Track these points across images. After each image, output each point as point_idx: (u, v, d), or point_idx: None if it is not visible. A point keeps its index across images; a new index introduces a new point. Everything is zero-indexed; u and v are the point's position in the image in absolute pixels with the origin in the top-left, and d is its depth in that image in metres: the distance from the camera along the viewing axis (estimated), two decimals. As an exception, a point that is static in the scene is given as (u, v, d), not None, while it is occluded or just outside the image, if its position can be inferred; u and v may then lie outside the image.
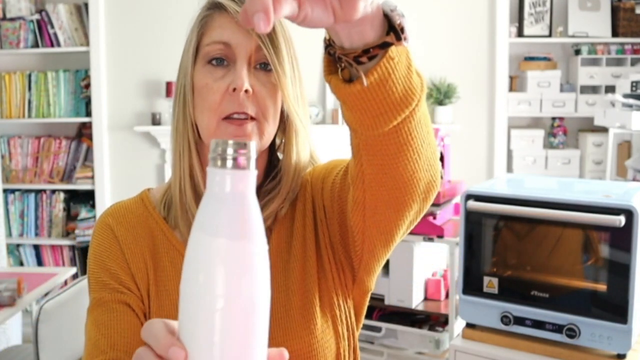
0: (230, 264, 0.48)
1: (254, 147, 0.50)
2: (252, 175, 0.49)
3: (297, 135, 0.92)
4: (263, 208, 0.90)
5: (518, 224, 1.75)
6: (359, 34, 0.61)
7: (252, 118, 0.85)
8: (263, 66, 0.87)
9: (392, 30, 0.62)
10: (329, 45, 0.65)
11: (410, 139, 0.68)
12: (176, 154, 0.91)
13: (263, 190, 0.92)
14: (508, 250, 1.79)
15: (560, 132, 3.63)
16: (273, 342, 0.85)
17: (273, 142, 0.95)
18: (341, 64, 0.64)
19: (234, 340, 0.49)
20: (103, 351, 0.84)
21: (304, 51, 0.94)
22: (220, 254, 0.48)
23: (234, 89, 0.83)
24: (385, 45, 0.62)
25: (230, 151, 0.48)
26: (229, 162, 0.48)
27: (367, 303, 0.97)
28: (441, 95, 3.49)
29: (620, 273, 1.56)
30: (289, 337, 0.87)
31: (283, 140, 0.94)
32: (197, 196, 0.90)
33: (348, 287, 0.92)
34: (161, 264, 0.90)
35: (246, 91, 0.83)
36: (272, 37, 0.86)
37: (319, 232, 0.91)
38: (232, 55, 0.86)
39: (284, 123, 0.92)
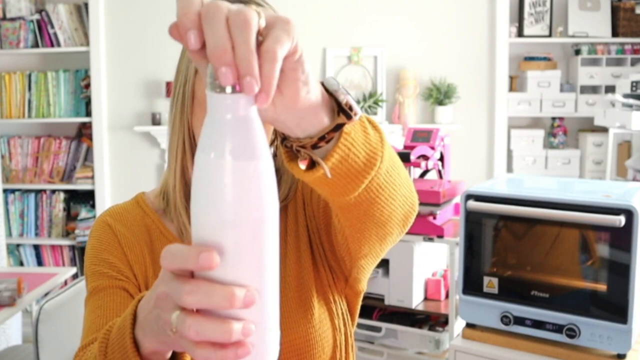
0: (238, 181, 0.49)
1: None
2: (251, 97, 0.49)
3: None
4: None
5: (518, 224, 1.75)
6: (310, 124, 0.60)
7: None
8: None
9: (341, 109, 0.62)
10: (285, 138, 0.64)
11: (381, 191, 0.69)
12: (172, 154, 0.93)
13: None
14: (508, 250, 1.79)
15: (560, 132, 3.63)
16: None
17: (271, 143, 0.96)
18: (299, 154, 0.64)
19: (246, 255, 0.50)
20: (97, 330, 0.83)
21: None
22: (228, 172, 0.48)
23: None
24: (338, 127, 0.62)
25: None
26: (228, 87, 0.48)
27: (360, 303, 0.99)
28: (441, 95, 3.49)
29: (620, 273, 1.56)
30: (287, 327, 0.88)
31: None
32: (187, 196, 0.92)
33: (340, 286, 0.95)
34: (159, 261, 0.91)
35: None
36: None
37: (310, 231, 0.94)
38: None
39: None
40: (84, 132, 3.86)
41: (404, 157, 2.32)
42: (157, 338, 0.58)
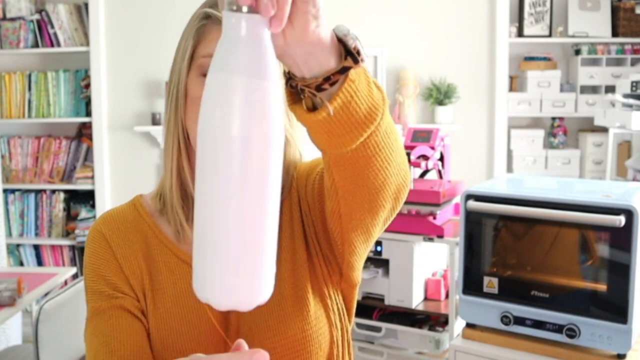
0: (248, 99, 0.50)
1: None
2: (266, 19, 0.50)
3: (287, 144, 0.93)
4: None
5: (518, 224, 1.75)
6: (317, 62, 0.62)
7: None
8: None
9: (349, 54, 0.63)
10: (289, 78, 0.65)
11: (378, 150, 0.70)
12: (167, 154, 0.92)
13: None
14: (508, 250, 1.79)
15: (560, 132, 3.63)
16: (268, 329, 0.87)
17: None
18: (304, 94, 0.65)
19: (252, 171, 0.51)
20: None
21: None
22: (239, 89, 0.50)
23: None
24: (344, 70, 0.63)
25: None
26: (245, 7, 0.49)
27: (356, 297, 0.99)
28: (441, 95, 3.49)
29: (620, 273, 1.56)
30: (282, 324, 0.88)
31: None
32: (184, 196, 0.92)
33: (335, 280, 0.94)
34: (155, 266, 0.92)
35: None
36: None
37: (306, 226, 0.93)
38: None
39: None
40: (84, 132, 3.86)
41: (404, 157, 2.31)
42: None
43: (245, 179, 0.52)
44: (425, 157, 2.41)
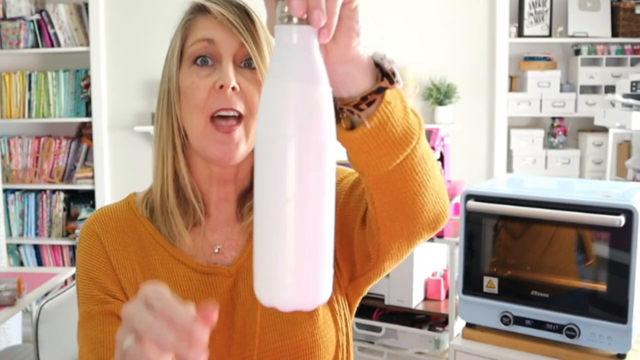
0: (301, 102, 0.54)
1: None
2: (315, 31, 0.55)
3: None
4: (247, 215, 0.91)
5: (518, 223, 1.75)
6: (354, 82, 0.66)
7: (240, 116, 0.86)
8: (247, 64, 0.87)
9: (385, 76, 0.66)
10: None
11: (414, 174, 0.72)
12: (159, 159, 0.91)
13: (249, 197, 0.92)
14: (508, 250, 1.79)
15: (560, 132, 3.63)
16: (276, 332, 0.86)
17: None
18: (342, 114, 0.68)
19: (310, 172, 0.54)
20: None
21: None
22: (292, 93, 0.54)
23: (221, 87, 0.84)
24: (380, 90, 0.66)
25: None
26: (295, 19, 0.54)
27: (357, 304, 0.99)
28: (441, 95, 3.49)
29: (620, 273, 1.56)
30: (292, 327, 0.87)
31: None
32: (181, 200, 0.90)
33: (343, 284, 0.94)
34: (151, 266, 0.90)
35: (233, 88, 0.84)
36: (254, 35, 0.87)
37: None
38: (216, 53, 0.87)
39: None
40: (84, 132, 3.86)
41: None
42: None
43: (303, 180, 0.54)
44: (425, 157, 2.41)
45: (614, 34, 3.51)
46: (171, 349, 0.56)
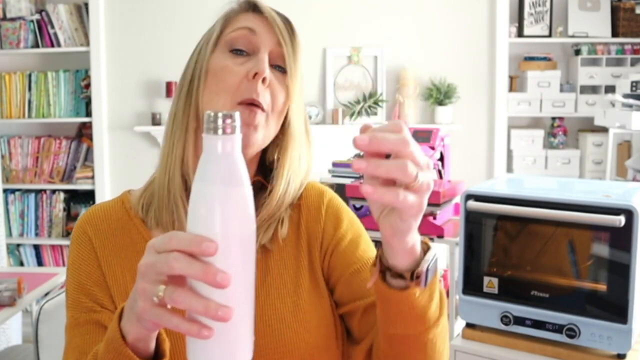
0: (224, 203, 0.59)
1: (238, 117, 0.59)
2: (237, 139, 0.60)
3: (294, 142, 0.92)
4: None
5: (518, 223, 1.75)
6: (408, 259, 0.72)
7: (263, 110, 0.86)
8: (278, 68, 0.88)
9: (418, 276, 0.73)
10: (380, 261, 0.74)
11: (423, 345, 0.78)
12: (169, 143, 0.90)
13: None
14: (508, 250, 1.79)
15: (560, 132, 3.63)
16: (275, 353, 0.86)
17: (264, 161, 0.95)
18: (391, 273, 0.73)
19: (234, 263, 0.59)
20: None
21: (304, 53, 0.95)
22: (216, 195, 0.59)
23: (255, 75, 0.84)
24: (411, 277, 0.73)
25: (219, 122, 0.59)
26: (220, 130, 0.59)
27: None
28: (441, 95, 3.49)
29: (620, 273, 1.56)
30: (288, 349, 0.87)
31: (277, 157, 0.94)
32: (185, 186, 0.89)
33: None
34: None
35: (264, 80, 0.84)
36: (292, 41, 0.88)
37: (315, 268, 0.94)
38: (255, 43, 0.87)
39: (282, 134, 0.92)
40: (84, 132, 3.86)
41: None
42: (137, 316, 0.63)
43: (228, 268, 0.58)
44: (425, 157, 2.40)
45: (614, 34, 3.51)
46: (201, 276, 0.57)
